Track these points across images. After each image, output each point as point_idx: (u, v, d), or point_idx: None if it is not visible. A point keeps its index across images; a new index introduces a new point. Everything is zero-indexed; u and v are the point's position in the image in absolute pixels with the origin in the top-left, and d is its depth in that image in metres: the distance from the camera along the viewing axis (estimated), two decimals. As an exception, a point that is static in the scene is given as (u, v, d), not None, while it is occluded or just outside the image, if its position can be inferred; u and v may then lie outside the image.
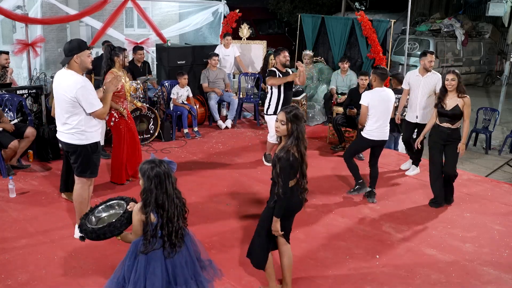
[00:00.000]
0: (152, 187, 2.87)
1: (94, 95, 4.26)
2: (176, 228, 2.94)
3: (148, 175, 2.87)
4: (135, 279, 2.94)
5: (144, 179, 2.89)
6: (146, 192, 2.88)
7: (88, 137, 4.35)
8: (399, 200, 5.90)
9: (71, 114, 4.25)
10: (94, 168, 4.49)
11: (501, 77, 12.15)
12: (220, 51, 9.39)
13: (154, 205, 2.88)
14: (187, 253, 3.06)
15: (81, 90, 4.13)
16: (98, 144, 4.49)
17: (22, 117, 6.58)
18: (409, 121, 6.63)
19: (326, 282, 4.13)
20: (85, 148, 4.36)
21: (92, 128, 4.36)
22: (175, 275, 2.99)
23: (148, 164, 2.91)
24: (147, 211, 2.87)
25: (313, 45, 10.30)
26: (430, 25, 15.14)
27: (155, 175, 2.87)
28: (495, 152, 9.16)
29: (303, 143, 3.47)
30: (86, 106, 4.20)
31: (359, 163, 7.17)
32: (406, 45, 9.85)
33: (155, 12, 12.02)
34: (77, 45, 4.22)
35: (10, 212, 5.12)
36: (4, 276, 3.98)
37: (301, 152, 3.47)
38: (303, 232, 4.98)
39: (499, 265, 4.49)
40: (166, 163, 2.96)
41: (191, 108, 8.13)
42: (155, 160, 2.94)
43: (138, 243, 2.96)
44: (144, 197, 2.89)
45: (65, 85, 4.18)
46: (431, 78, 6.38)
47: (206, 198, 5.71)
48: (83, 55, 4.22)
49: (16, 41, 8.60)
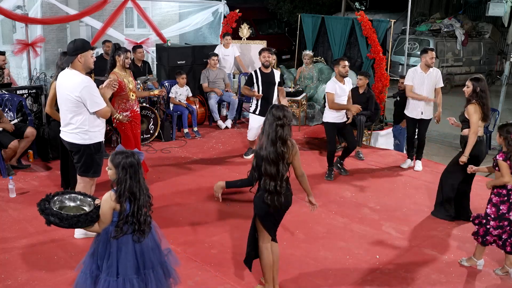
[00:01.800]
0: (127, 177, 2.98)
1: (98, 94, 4.29)
2: (145, 215, 3.08)
3: (123, 166, 2.98)
4: (108, 264, 3.07)
5: (118, 170, 3.00)
6: (120, 182, 2.99)
7: (91, 137, 4.36)
8: (399, 200, 5.90)
9: (75, 114, 4.26)
10: (97, 167, 4.49)
11: (501, 77, 12.16)
12: (220, 51, 9.39)
13: (128, 194, 3.00)
14: (153, 240, 3.20)
15: (86, 89, 4.16)
16: (101, 144, 4.50)
17: (22, 117, 6.57)
18: (412, 117, 6.74)
19: (326, 282, 4.13)
20: (88, 148, 4.37)
21: (95, 128, 4.36)
22: (144, 259, 3.13)
23: (121, 155, 3.01)
24: (122, 200, 3.00)
25: (313, 45, 10.30)
26: (430, 25, 15.16)
27: (130, 165, 2.99)
28: (495, 152, 9.14)
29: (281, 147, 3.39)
30: (90, 105, 4.21)
31: (359, 162, 7.19)
32: (406, 45, 9.86)
33: (155, 12, 12.01)
34: (81, 45, 4.25)
35: (10, 212, 5.12)
36: (4, 276, 3.98)
37: (275, 154, 3.39)
38: (303, 232, 4.98)
39: (499, 265, 4.48)
40: (137, 153, 3.08)
41: (188, 106, 8.13)
42: (126, 151, 3.05)
43: (108, 230, 3.08)
44: (119, 187, 3.00)
45: (69, 85, 4.20)
46: (433, 74, 6.55)
47: (206, 198, 5.71)
48: (87, 55, 4.24)
49: (16, 41, 8.59)
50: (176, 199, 5.64)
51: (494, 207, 4.25)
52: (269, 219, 3.63)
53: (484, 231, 4.30)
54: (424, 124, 6.71)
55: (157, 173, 6.40)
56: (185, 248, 4.53)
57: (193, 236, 4.79)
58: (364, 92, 7.54)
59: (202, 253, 4.50)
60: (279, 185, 3.45)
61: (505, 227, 4.20)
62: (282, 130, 3.39)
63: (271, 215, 3.60)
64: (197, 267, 4.25)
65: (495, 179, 4.29)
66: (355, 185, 6.30)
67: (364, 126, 7.46)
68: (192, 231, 4.91)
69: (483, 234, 4.31)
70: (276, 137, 3.39)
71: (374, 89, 8.75)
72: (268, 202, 3.48)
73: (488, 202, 4.31)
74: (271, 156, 3.39)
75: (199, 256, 4.43)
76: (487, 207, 4.30)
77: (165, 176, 6.33)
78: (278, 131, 3.39)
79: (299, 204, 5.62)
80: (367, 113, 7.44)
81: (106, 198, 3.05)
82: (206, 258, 4.40)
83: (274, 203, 3.49)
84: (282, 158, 3.42)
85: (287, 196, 3.59)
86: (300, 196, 5.86)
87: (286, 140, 3.41)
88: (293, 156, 3.53)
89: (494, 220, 4.23)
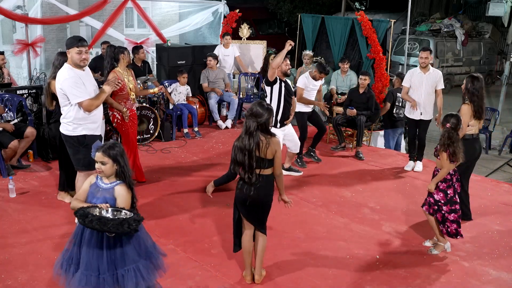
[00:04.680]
0: (124, 164, 3.10)
1: (81, 88, 4.46)
2: None
3: (122, 154, 3.09)
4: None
5: (118, 160, 3.07)
6: (123, 171, 3.10)
7: (74, 129, 4.57)
8: (399, 200, 5.90)
9: (63, 106, 4.57)
10: (84, 161, 4.57)
11: (501, 77, 12.16)
12: (220, 51, 9.39)
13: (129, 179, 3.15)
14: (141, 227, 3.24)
15: (66, 81, 4.41)
16: (86, 137, 4.60)
17: (22, 117, 6.57)
18: (412, 118, 6.73)
19: (326, 282, 4.13)
20: (71, 139, 4.60)
21: (80, 121, 4.56)
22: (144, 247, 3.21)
23: (112, 146, 3.09)
24: (132, 188, 3.15)
25: (313, 45, 10.29)
26: (430, 25, 15.16)
27: (122, 153, 3.10)
28: (495, 152, 9.17)
29: (251, 138, 3.60)
30: (70, 97, 4.45)
31: (359, 162, 7.20)
32: (406, 45, 9.85)
33: (155, 12, 12.01)
34: (69, 41, 4.51)
35: (10, 212, 5.12)
36: (4, 276, 3.97)
37: (242, 144, 3.62)
38: (303, 232, 4.98)
39: (499, 265, 4.49)
40: (113, 142, 3.23)
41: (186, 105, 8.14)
42: (110, 143, 3.13)
43: None
44: (122, 176, 3.11)
45: (57, 77, 4.52)
46: (433, 75, 6.51)
47: (206, 198, 5.68)
48: (72, 52, 4.46)
49: (16, 41, 8.60)
50: (176, 199, 5.64)
51: (442, 192, 4.48)
52: (242, 207, 3.82)
53: (442, 217, 4.51)
54: (423, 125, 6.71)
55: (157, 173, 6.40)
56: (185, 248, 4.53)
57: (193, 236, 4.79)
58: (364, 92, 7.55)
59: (202, 253, 4.50)
60: (248, 176, 3.66)
61: (457, 211, 4.47)
62: (250, 123, 3.62)
63: (243, 203, 3.77)
64: (197, 267, 4.25)
65: (438, 167, 4.53)
66: (355, 185, 6.31)
67: (364, 126, 7.47)
68: (192, 231, 4.91)
69: (442, 220, 4.53)
70: (245, 128, 3.65)
71: (374, 89, 8.75)
72: (239, 188, 3.77)
73: (435, 188, 4.52)
74: (238, 145, 3.66)
75: (199, 256, 4.43)
76: (434, 193, 4.52)
77: (165, 176, 6.33)
78: (246, 123, 3.65)
79: (299, 204, 5.63)
80: (367, 113, 7.45)
81: (124, 192, 3.11)
82: (206, 258, 4.40)
83: (242, 192, 3.73)
84: (249, 149, 3.60)
85: (258, 190, 3.70)
86: (301, 196, 5.88)
87: (252, 132, 3.60)
88: (267, 152, 3.64)
89: (445, 205, 4.46)
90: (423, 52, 6.52)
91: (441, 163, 4.47)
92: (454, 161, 4.41)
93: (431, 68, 6.57)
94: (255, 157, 3.63)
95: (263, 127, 3.64)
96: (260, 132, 3.63)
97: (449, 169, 4.44)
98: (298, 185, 6.19)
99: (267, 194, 3.79)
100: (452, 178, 4.47)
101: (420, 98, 6.59)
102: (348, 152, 7.69)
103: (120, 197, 3.10)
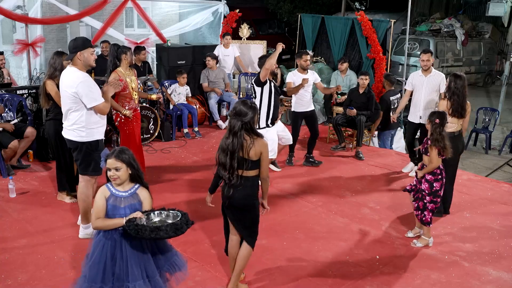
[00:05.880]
0: (137, 167, 3.09)
1: (95, 90, 4.32)
2: None
3: (133, 158, 3.08)
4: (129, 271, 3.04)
5: (132, 163, 3.04)
6: (139, 174, 3.09)
7: (88, 134, 4.38)
8: (399, 200, 5.90)
9: (73, 110, 4.32)
10: (95, 165, 4.50)
11: (501, 77, 12.16)
12: (220, 51, 9.39)
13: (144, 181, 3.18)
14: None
15: (82, 84, 4.21)
16: (99, 142, 4.50)
17: (22, 117, 6.57)
18: (412, 121, 6.59)
19: (326, 282, 4.13)
20: (85, 145, 4.40)
21: (92, 125, 4.38)
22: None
23: (122, 151, 3.05)
24: (148, 187, 3.17)
25: (313, 45, 10.30)
26: (430, 25, 15.14)
27: (133, 157, 3.08)
28: (495, 152, 9.17)
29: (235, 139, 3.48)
30: (86, 101, 4.25)
31: (359, 162, 7.20)
32: (406, 45, 9.84)
33: (155, 12, 12.01)
34: (81, 42, 4.33)
35: (10, 212, 5.12)
36: (4, 276, 3.97)
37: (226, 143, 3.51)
38: (303, 232, 4.98)
39: (499, 265, 4.49)
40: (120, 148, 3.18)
41: (185, 106, 8.14)
42: (118, 149, 3.08)
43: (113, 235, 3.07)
44: (141, 178, 3.11)
45: (67, 81, 4.29)
46: (435, 78, 6.31)
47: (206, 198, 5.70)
48: (86, 52, 4.30)
49: (16, 41, 8.60)
50: (176, 199, 5.63)
51: (427, 183, 4.62)
52: (224, 209, 3.74)
53: (423, 205, 4.67)
54: (423, 129, 6.53)
55: (157, 173, 6.40)
56: (185, 248, 4.52)
57: (193, 236, 4.79)
58: (364, 92, 7.55)
59: (202, 253, 4.50)
60: (229, 177, 3.51)
61: (437, 203, 4.67)
62: (235, 123, 3.48)
63: (223, 205, 3.70)
64: (197, 267, 4.25)
65: (426, 164, 4.64)
66: (355, 185, 6.31)
67: (364, 126, 7.47)
68: (192, 231, 4.89)
69: (422, 208, 4.68)
70: (229, 128, 3.54)
71: (374, 89, 8.75)
72: (222, 190, 3.65)
73: (422, 178, 4.67)
74: (222, 145, 3.55)
75: (199, 256, 4.43)
76: (421, 182, 4.67)
77: (165, 176, 6.33)
78: (231, 123, 3.53)
79: (299, 204, 5.63)
80: (367, 113, 7.45)
81: (146, 194, 3.13)
82: (206, 258, 4.40)
83: (223, 194, 3.63)
84: (232, 150, 3.45)
85: (238, 193, 3.53)
86: (301, 196, 5.88)
87: (236, 132, 3.46)
88: (251, 153, 3.47)
89: (429, 196, 4.63)
90: (424, 54, 6.29)
91: (429, 159, 4.59)
92: (443, 155, 4.56)
93: (433, 71, 6.35)
94: (238, 157, 3.46)
95: (247, 126, 3.48)
96: (245, 131, 3.48)
97: (437, 164, 4.57)
98: (298, 185, 6.19)
99: (247, 196, 3.56)
100: (441, 173, 4.64)
101: (419, 101, 6.39)
102: (348, 152, 7.69)
103: (146, 199, 3.10)
